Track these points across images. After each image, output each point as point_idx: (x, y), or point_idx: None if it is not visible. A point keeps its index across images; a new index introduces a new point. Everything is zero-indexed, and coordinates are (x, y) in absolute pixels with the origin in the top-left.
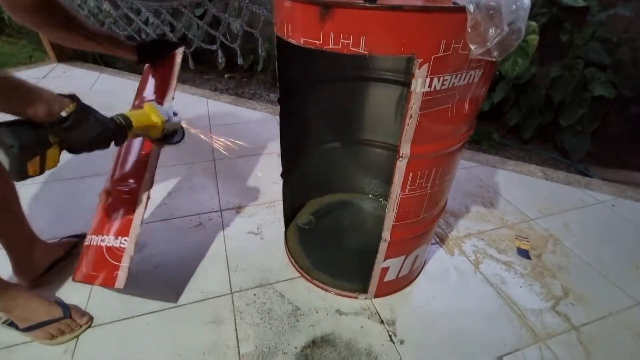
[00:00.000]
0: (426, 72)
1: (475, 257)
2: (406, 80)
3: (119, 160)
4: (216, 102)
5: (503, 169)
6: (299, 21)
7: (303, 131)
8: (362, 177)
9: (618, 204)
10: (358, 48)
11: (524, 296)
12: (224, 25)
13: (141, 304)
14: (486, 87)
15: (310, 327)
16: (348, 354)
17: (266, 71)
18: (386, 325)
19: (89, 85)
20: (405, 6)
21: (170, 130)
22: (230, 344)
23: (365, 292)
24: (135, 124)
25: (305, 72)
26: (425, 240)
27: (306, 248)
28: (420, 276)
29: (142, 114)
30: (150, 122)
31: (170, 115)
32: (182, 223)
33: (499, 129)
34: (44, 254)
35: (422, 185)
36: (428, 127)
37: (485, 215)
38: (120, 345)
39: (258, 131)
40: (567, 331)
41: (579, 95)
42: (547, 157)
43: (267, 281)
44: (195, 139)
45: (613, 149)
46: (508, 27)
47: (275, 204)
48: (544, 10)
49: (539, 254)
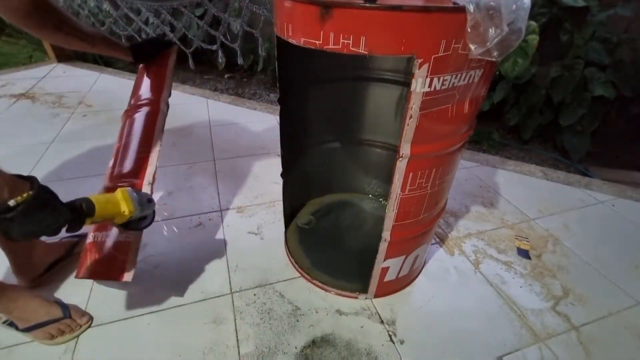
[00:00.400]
0: (426, 72)
1: (475, 257)
2: (406, 80)
3: (118, 156)
4: (216, 102)
5: (503, 169)
6: (299, 21)
7: (303, 131)
8: (362, 177)
9: (618, 204)
10: (358, 48)
11: (524, 296)
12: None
13: (141, 304)
14: (486, 87)
15: (310, 327)
16: (348, 354)
17: (266, 71)
18: (386, 325)
19: (89, 85)
20: (405, 6)
21: (138, 217)
22: (230, 344)
23: (365, 292)
24: (98, 212)
25: (305, 72)
26: (425, 240)
27: (306, 248)
28: (420, 276)
29: (110, 202)
30: (118, 212)
31: (143, 203)
32: (182, 223)
33: (499, 129)
34: (44, 254)
35: (422, 186)
36: (428, 127)
37: (485, 215)
38: (120, 345)
39: (258, 131)
40: (567, 331)
41: (579, 95)
42: (547, 157)
43: (267, 281)
44: (195, 139)
45: (613, 149)
46: (508, 27)
47: (275, 204)
48: (544, 10)
49: (539, 254)
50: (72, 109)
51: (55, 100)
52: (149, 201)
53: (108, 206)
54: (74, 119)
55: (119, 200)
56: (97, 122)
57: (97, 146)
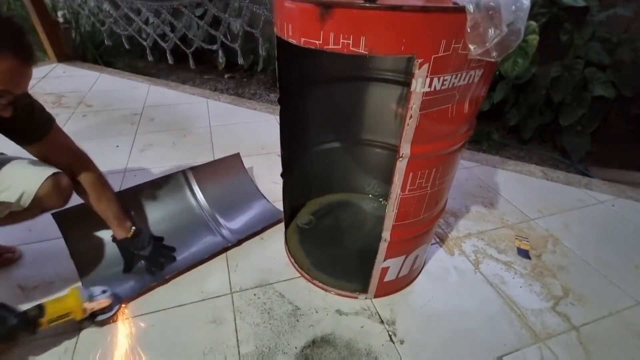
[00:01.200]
0: (426, 72)
1: (475, 257)
2: (406, 80)
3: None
4: (216, 102)
5: (503, 169)
6: (299, 21)
7: (303, 131)
8: (362, 177)
9: (618, 204)
10: (358, 48)
11: (524, 296)
12: (224, 25)
13: (141, 304)
14: (486, 87)
15: (310, 327)
16: (348, 354)
17: (266, 71)
18: (386, 325)
19: (89, 85)
20: (405, 6)
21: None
22: (230, 344)
23: (365, 292)
24: (50, 311)
25: (305, 72)
26: (425, 240)
27: (306, 248)
28: (420, 276)
29: (60, 300)
30: (68, 308)
31: (95, 294)
32: None
33: (499, 129)
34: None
35: (422, 186)
36: (428, 127)
37: (485, 215)
38: (121, 345)
39: (258, 131)
40: (567, 331)
41: (579, 95)
42: (547, 157)
43: (267, 281)
44: (195, 139)
45: (613, 149)
46: (507, 28)
47: (275, 204)
48: (544, 10)
49: (539, 254)
50: (72, 109)
51: (55, 100)
52: (104, 292)
53: (59, 304)
54: (74, 119)
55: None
56: (97, 122)
57: (97, 146)
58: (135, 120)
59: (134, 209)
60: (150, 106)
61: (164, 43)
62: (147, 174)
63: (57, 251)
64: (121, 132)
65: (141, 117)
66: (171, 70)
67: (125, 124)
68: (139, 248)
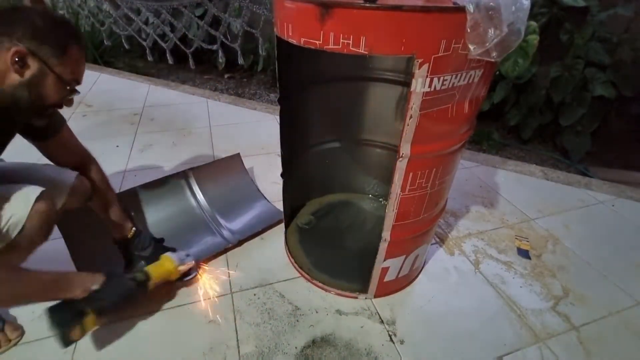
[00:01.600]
0: (426, 72)
1: (475, 257)
2: (406, 80)
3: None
4: (216, 102)
5: (503, 169)
6: (299, 21)
7: (303, 131)
8: (362, 177)
9: (618, 204)
10: (358, 48)
11: (524, 296)
12: (224, 25)
13: (141, 304)
14: (486, 87)
15: (310, 327)
16: (348, 354)
17: (266, 71)
18: (386, 325)
19: (89, 85)
20: (405, 6)
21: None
22: (230, 344)
23: (365, 292)
24: (154, 274)
25: (305, 72)
26: (425, 240)
27: (306, 248)
28: (420, 276)
29: (159, 265)
30: (167, 271)
31: (183, 258)
32: None
33: (499, 129)
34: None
35: (422, 186)
36: (428, 127)
37: (485, 215)
38: (121, 345)
39: (258, 131)
40: (567, 331)
41: (579, 95)
42: (547, 157)
43: (267, 281)
44: (195, 139)
45: (613, 149)
46: (507, 28)
47: (275, 204)
48: (544, 10)
49: (539, 254)
50: (72, 109)
51: None
52: (188, 255)
53: (158, 269)
54: (74, 119)
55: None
56: (97, 122)
57: (97, 146)
58: (135, 120)
59: (134, 210)
60: (150, 106)
61: (164, 43)
62: (147, 174)
63: (57, 251)
64: (121, 132)
65: (141, 117)
66: (171, 70)
67: (125, 124)
68: (139, 249)
